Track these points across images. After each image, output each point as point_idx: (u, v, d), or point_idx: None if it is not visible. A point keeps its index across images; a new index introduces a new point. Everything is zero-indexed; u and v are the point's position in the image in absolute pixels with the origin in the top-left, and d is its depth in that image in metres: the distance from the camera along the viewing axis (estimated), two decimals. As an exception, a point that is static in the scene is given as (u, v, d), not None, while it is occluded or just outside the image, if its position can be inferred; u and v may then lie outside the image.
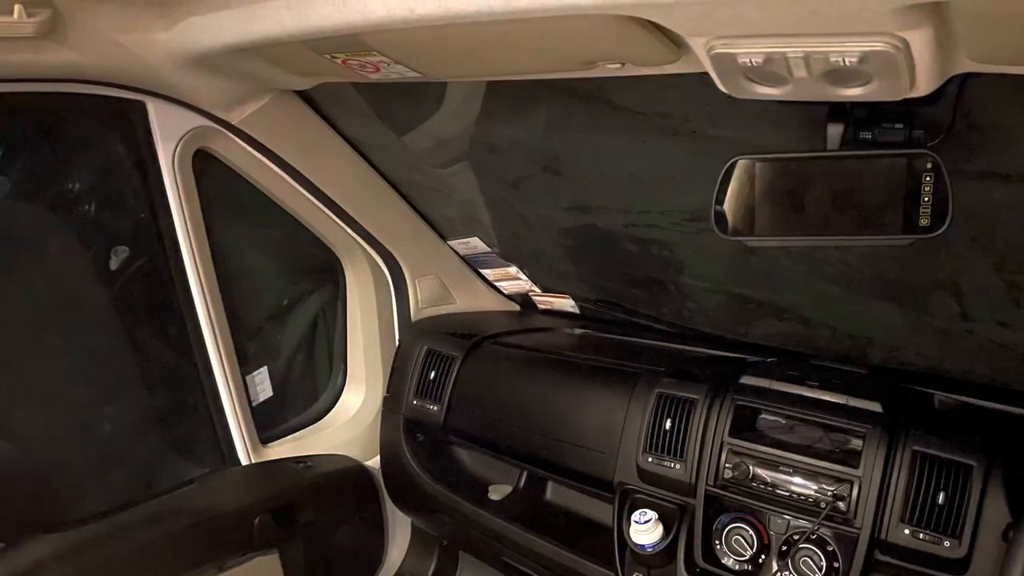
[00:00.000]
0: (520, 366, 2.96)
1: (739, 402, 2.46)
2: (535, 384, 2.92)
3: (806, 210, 1.97)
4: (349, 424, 3.05)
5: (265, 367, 2.81)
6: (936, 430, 2.23)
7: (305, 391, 3.09)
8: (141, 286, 2.48)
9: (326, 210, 2.74)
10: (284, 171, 2.54)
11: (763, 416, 2.47)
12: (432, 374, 3.00)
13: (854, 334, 2.77)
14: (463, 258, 3.19)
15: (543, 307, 3.37)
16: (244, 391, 2.61)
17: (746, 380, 2.53)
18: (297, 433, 2.95)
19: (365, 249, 2.91)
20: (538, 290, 3.28)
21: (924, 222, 1.85)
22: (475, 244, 3.04)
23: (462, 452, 3.20)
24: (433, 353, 3.05)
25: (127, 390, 2.60)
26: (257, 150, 2.44)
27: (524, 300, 3.39)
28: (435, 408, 2.99)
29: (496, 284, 3.33)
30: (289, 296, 2.99)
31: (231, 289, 2.59)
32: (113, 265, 2.40)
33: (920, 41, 1.34)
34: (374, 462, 3.10)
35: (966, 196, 2.01)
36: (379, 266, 3.00)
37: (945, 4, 1.25)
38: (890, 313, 2.56)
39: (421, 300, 3.13)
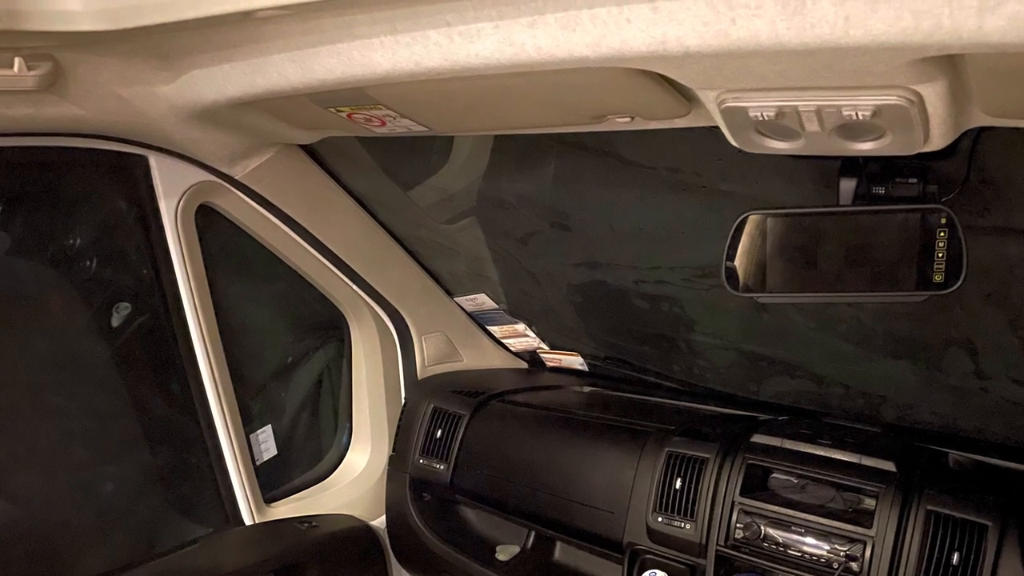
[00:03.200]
0: (528, 424, 2.93)
1: (750, 461, 2.43)
2: (543, 443, 2.88)
3: (818, 266, 1.95)
4: (354, 483, 3.01)
5: (269, 425, 2.79)
6: (950, 490, 2.20)
7: (310, 449, 3.07)
8: (143, 343, 2.46)
9: (331, 266, 2.72)
10: (288, 226, 2.53)
11: (775, 475, 2.43)
12: (439, 432, 2.98)
13: (867, 392, 2.74)
14: (470, 315, 3.18)
15: (551, 364, 3.35)
16: (248, 450, 2.58)
17: (757, 439, 2.50)
18: (301, 492, 2.91)
19: (371, 305, 2.90)
20: (546, 347, 3.26)
21: (938, 278, 1.82)
22: (482, 301, 3.03)
23: (469, 511, 3.16)
24: (440, 411, 3.03)
25: (129, 449, 2.57)
26: (261, 205, 2.42)
27: (532, 357, 3.37)
28: (442, 467, 2.96)
29: (503, 341, 3.31)
30: (293, 353, 2.97)
31: (235, 346, 2.57)
32: (115, 322, 2.38)
33: (934, 95, 1.32)
34: (379, 521, 3.06)
35: (981, 252, 1.99)
36: (385, 323, 2.98)
37: (959, 58, 1.23)
38: (904, 371, 2.53)
39: (427, 357, 3.12)
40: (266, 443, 2.75)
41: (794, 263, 1.98)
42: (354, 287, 2.77)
